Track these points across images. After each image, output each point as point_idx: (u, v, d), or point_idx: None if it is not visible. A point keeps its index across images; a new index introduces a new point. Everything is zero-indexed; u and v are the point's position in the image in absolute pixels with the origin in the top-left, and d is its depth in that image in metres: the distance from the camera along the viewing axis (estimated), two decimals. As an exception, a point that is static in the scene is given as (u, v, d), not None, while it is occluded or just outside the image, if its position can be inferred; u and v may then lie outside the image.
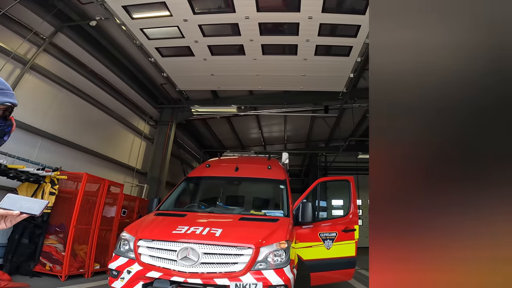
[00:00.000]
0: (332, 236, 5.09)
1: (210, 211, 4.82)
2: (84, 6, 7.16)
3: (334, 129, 13.85)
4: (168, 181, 12.06)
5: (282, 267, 3.53)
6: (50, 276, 5.58)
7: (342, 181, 5.73)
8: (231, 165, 5.70)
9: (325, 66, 7.78)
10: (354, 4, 5.92)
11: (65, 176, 6.05)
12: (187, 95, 10.31)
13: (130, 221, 7.32)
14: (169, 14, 6.24)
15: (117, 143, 10.19)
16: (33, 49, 6.75)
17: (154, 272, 3.41)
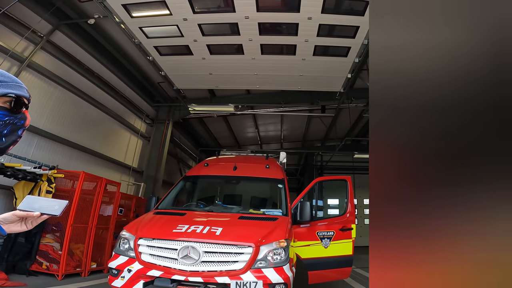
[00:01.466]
0: (329, 235, 5.14)
1: (209, 210, 4.83)
2: (82, 4, 7.11)
3: (331, 129, 13.93)
4: (165, 180, 12.02)
5: (281, 266, 3.55)
6: (46, 275, 5.54)
7: (339, 180, 5.77)
8: (230, 164, 5.71)
9: (323, 66, 7.82)
10: (353, 5, 5.96)
11: (62, 175, 6.01)
12: (184, 93, 10.29)
13: (127, 219, 7.31)
14: (168, 13, 6.23)
15: (113, 141, 10.13)
16: (30, 47, 6.69)
17: (154, 271, 3.41)
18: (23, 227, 1.14)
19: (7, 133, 0.99)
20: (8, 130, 0.99)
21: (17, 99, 1.02)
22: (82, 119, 8.43)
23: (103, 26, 7.88)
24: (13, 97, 1.00)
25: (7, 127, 0.99)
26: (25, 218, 1.13)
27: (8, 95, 0.99)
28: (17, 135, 1.03)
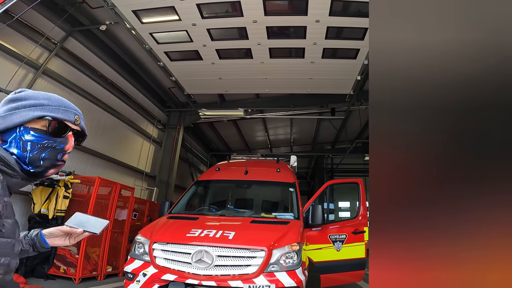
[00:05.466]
0: (342, 238, 5.11)
1: (222, 214, 4.87)
2: (94, 11, 7.27)
3: (341, 131, 13.83)
4: (177, 184, 12.14)
5: (294, 269, 3.56)
6: (64, 278, 5.67)
7: (351, 183, 5.74)
8: (241, 168, 5.75)
9: (332, 69, 7.81)
10: (360, 7, 5.95)
11: (78, 180, 6.16)
12: (194, 98, 10.40)
13: (141, 223, 7.41)
14: (178, 18, 6.34)
15: (126, 147, 10.30)
16: (45, 54, 6.87)
17: (169, 275, 3.46)
18: (66, 241, 1.20)
19: (46, 156, 0.98)
20: (46, 153, 0.98)
21: (57, 122, 1.00)
22: (96, 125, 8.62)
23: (114, 32, 8.05)
24: (50, 119, 0.99)
25: (46, 151, 0.98)
26: (69, 234, 1.20)
27: (45, 118, 0.99)
28: (56, 160, 1.01)
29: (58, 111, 1.02)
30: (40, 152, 0.98)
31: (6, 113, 0.98)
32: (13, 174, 0.94)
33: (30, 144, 0.97)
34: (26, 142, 0.96)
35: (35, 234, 1.19)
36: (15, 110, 0.98)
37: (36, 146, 0.97)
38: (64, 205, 5.75)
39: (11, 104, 1.00)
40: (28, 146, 0.96)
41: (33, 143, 0.97)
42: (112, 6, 6.05)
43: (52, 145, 1.00)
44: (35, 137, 0.97)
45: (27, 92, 1.03)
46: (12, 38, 6.08)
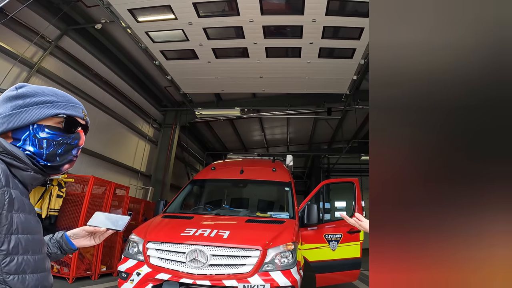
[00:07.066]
0: (337, 237, 5.11)
1: (217, 213, 4.86)
2: (90, 9, 7.23)
3: (337, 131, 13.86)
4: (173, 184, 12.10)
5: (289, 269, 3.56)
6: (57, 278, 5.61)
7: (347, 183, 5.75)
8: (236, 167, 5.74)
9: (328, 68, 7.81)
10: (357, 7, 5.95)
11: (72, 179, 6.10)
12: (190, 98, 10.37)
13: (136, 223, 7.36)
14: (174, 17, 6.30)
15: (122, 146, 10.25)
16: (39, 52, 6.83)
17: (163, 274, 3.44)
18: (91, 241, 1.21)
19: (62, 152, 1.00)
20: (62, 149, 1.00)
21: (70, 119, 1.03)
22: (91, 124, 8.34)
23: (110, 31, 8.00)
24: (64, 117, 1.01)
25: (61, 147, 1.00)
26: (93, 233, 1.21)
27: (59, 116, 1.00)
28: (71, 155, 1.03)
29: (69, 108, 1.04)
30: (56, 148, 0.99)
31: (14, 111, 0.96)
32: (24, 167, 0.93)
33: (46, 141, 0.98)
34: (41, 140, 0.97)
35: (60, 236, 1.20)
36: (24, 108, 0.97)
37: (52, 143, 0.98)
38: (58, 204, 5.69)
39: (17, 101, 0.98)
40: (44, 144, 0.97)
41: (48, 140, 0.98)
42: (107, 5, 5.99)
43: (67, 141, 1.01)
44: (50, 134, 0.98)
45: (32, 88, 1.01)
46: (6, 36, 6.03)
